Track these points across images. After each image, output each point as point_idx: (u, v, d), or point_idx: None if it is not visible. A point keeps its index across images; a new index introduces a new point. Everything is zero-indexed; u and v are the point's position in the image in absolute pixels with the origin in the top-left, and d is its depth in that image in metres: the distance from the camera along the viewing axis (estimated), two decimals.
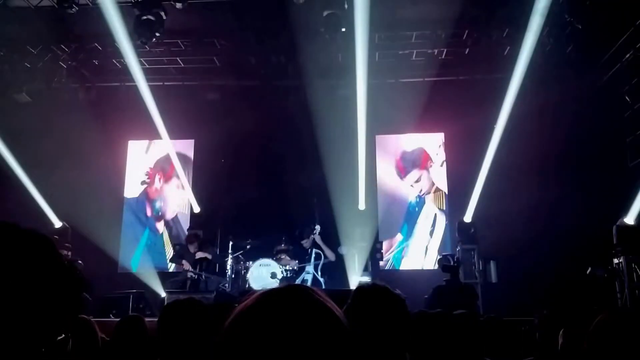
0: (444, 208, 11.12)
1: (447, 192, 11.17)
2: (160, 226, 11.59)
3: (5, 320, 1.01)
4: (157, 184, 11.77)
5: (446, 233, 10.94)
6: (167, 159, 11.59)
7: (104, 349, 3.44)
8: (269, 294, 0.95)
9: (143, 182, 11.80)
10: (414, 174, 11.35)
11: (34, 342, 1.05)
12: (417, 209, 11.19)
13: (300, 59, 9.78)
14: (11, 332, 1.01)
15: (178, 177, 11.52)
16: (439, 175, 11.29)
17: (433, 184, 11.26)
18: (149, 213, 11.67)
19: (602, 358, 2.04)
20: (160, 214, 11.66)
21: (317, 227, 9.33)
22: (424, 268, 10.74)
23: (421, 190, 11.24)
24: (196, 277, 9.08)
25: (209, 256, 9.40)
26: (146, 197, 11.76)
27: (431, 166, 11.33)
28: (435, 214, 11.11)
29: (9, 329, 1.01)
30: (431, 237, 11.01)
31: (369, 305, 2.07)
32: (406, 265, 10.90)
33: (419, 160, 11.39)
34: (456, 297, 7.16)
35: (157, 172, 11.81)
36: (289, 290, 0.96)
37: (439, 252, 10.48)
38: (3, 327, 1.00)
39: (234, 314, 0.95)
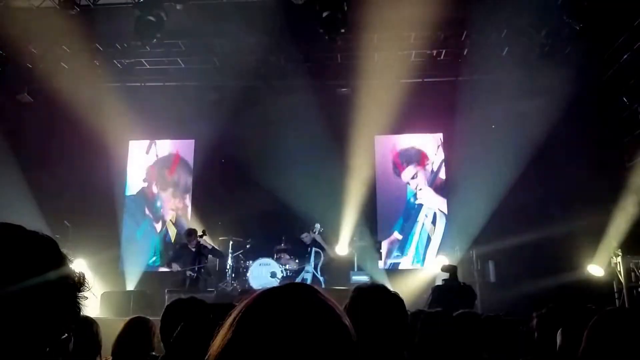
0: (443, 208, 11.17)
1: (446, 192, 11.22)
2: (160, 225, 11.64)
3: (10, 320, 1.02)
4: (154, 188, 11.82)
5: (445, 232, 10.99)
6: (167, 160, 11.68)
7: (111, 349, 3.47)
8: (270, 292, 0.97)
9: (144, 180, 11.85)
10: (411, 169, 11.38)
11: (39, 342, 1.06)
12: (416, 208, 11.23)
13: (299, 60, 9.83)
14: (16, 332, 1.02)
15: (176, 183, 11.58)
16: (436, 175, 11.34)
17: (430, 181, 11.30)
18: (147, 212, 11.71)
19: (600, 358, 2.07)
20: (159, 214, 11.71)
21: (317, 226, 9.38)
22: (424, 267, 10.79)
23: (417, 186, 11.27)
24: (195, 276, 9.11)
25: (209, 246, 9.40)
26: (145, 196, 11.81)
27: (427, 164, 11.36)
28: (435, 213, 11.16)
29: (14, 328, 1.02)
30: (431, 236, 11.05)
31: (367, 304, 2.10)
32: (406, 264, 10.94)
33: (416, 157, 11.43)
34: (455, 296, 7.19)
35: (156, 176, 11.86)
36: (290, 288, 0.98)
37: (438, 251, 10.55)
38: (8, 326, 1.01)
39: (235, 312, 0.96)
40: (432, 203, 11.22)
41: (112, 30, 9.17)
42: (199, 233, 9.35)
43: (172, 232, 11.52)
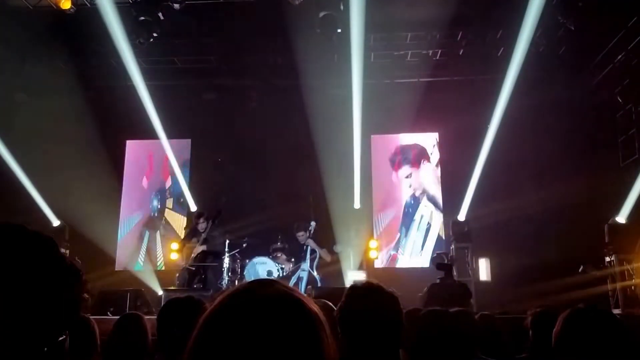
0: (440, 207, 11.21)
1: (440, 191, 11.26)
2: (156, 225, 11.65)
3: (9, 319, 1.03)
4: (151, 187, 11.83)
5: (441, 231, 11.03)
6: (164, 159, 11.69)
7: (102, 346, 3.47)
8: (237, 289, 0.99)
9: (141, 179, 11.85)
10: (406, 169, 11.44)
11: (37, 342, 1.08)
12: (412, 208, 11.28)
13: (296, 60, 9.84)
14: (15, 332, 1.04)
15: (172, 182, 11.62)
16: (431, 175, 11.39)
17: (425, 182, 11.35)
18: (144, 211, 11.74)
19: (593, 355, 2.09)
20: (156, 213, 11.73)
21: (313, 224, 9.38)
22: (421, 266, 10.83)
23: (410, 186, 11.33)
24: (194, 269, 9.01)
25: (204, 247, 9.23)
26: (142, 195, 11.82)
27: (424, 164, 11.41)
28: (432, 212, 11.20)
29: (13, 328, 1.03)
30: (427, 235, 11.10)
31: (363, 303, 2.12)
32: (403, 263, 10.99)
33: (412, 158, 11.48)
34: (450, 295, 7.24)
35: (152, 175, 11.87)
36: (255, 282, 1.00)
37: (434, 250, 10.59)
38: (7, 326, 1.03)
39: (207, 310, 0.98)
40: (429, 203, 11.27)
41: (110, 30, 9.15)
42: (203, 229, 9.18)
43: (170, 231, 11.54)
